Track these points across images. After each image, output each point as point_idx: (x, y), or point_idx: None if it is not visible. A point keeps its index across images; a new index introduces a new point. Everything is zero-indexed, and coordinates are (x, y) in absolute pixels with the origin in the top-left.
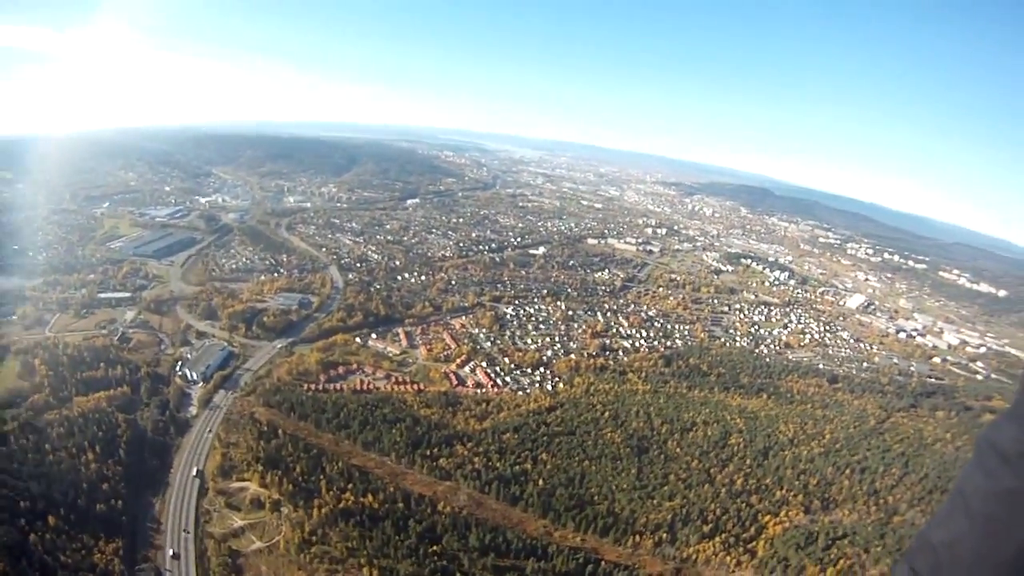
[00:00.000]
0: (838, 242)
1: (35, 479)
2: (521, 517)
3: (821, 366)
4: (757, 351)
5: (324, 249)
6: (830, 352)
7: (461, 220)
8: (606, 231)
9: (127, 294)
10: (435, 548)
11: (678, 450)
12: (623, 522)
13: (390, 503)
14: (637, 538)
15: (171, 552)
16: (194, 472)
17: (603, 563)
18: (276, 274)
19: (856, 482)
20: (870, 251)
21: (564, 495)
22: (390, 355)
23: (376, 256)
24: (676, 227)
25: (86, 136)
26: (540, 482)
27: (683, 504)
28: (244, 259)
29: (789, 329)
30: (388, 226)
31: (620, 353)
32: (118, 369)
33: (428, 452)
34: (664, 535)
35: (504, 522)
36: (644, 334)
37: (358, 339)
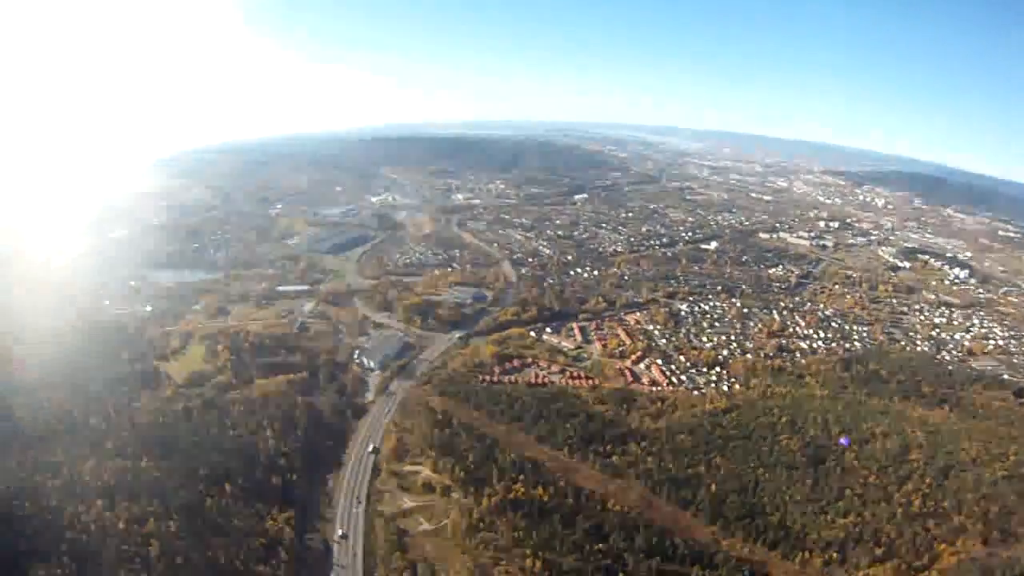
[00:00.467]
0: (1019, 236)
1: (214, 451)
2: (690, 522)
3: (1006, 376)
4: (938, 357)
5: (495, 244)
6: (1015, 361)
7: (630, 215)
8: (777, 224)
9: (305, 287)
10: (601, 546)
11: (855, 463)
12: (794, 536)
13: (559, 497)
14: (807, 555)
15: (340, 532)
16: (370, 449)
17: None
18: (450, 269)
19: None
20: None
21: (736, 502)
22: (564, 350)
23: (547, 251)
24: (848, 220)
25: (258, 144)
26: (712, 487)
27: (857, 522)
28: (417, 254)
29: (972, 334)
30: (558, 221)
31: (797, 354)
32: (297, 356)
33: (601, 449)
34: (835, 555)
35: (672, 525)
36: (821, 335)
37: (532, 333)
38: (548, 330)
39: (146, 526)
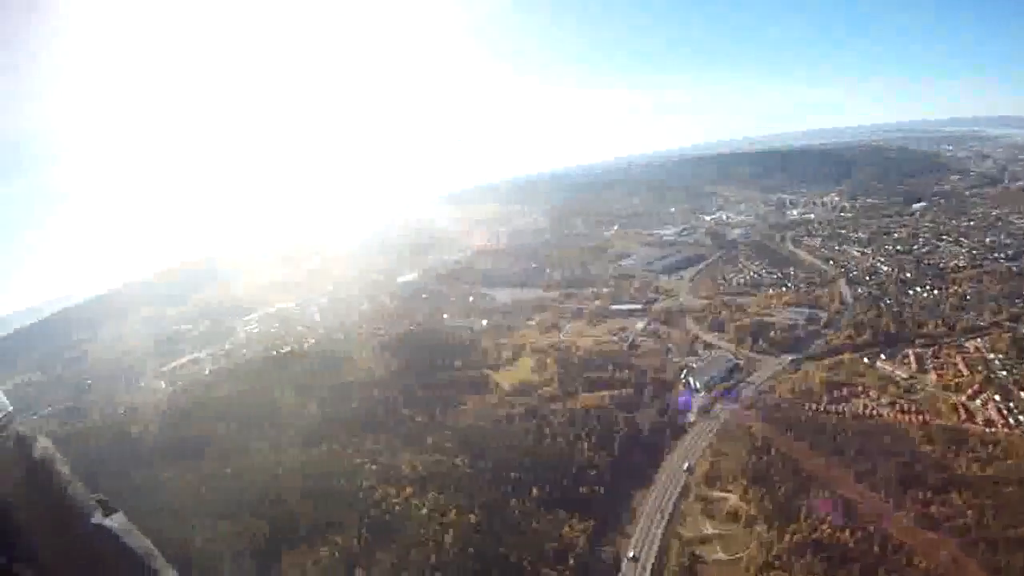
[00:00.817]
0: None
1: (529, 456)
2: None
3: None
4: None
5: (831, 262)
6: None
7: (972, 223)
8: None
9: (638, 306)
10: None
11: None
12: None
13: (866, 544)
14: None
15: (632, 553)
16: (684, 467)
17: None
18: (783, 288)
19: None
20: None
21: None
22: (897, 379)
23: (885, 268)
24: None
25: (582, 170)
26: None
27: None
28: (751, 273)
29: None
30: (896, 234)
31: None
32: (624, 372)
33: (920, 495)
34: None
35: None
36: None
37: (865, 359)
38: (882, 356)
39: (448, 516)
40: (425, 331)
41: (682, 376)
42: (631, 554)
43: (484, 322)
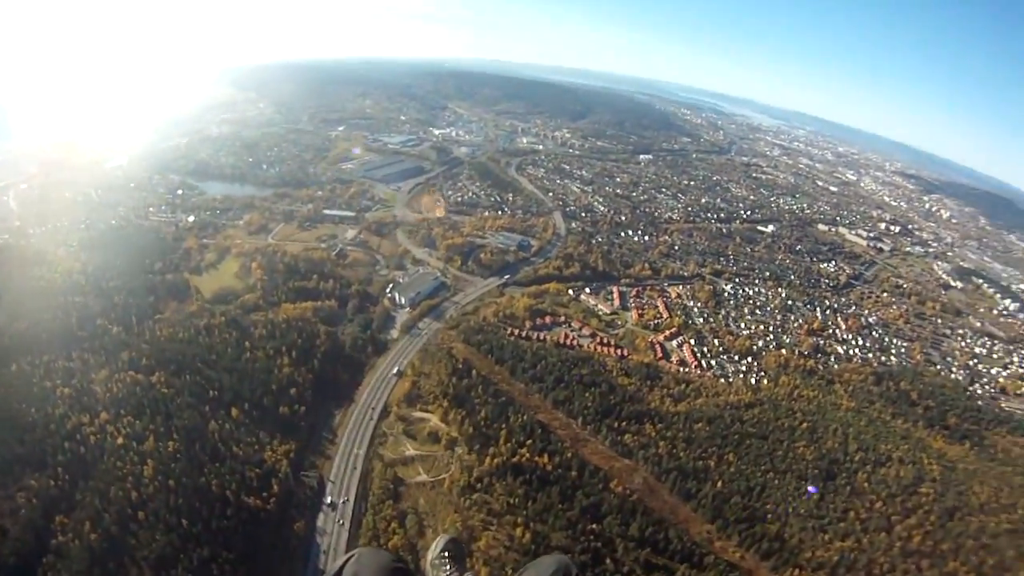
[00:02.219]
0: None
1: (228, 372)
2: (689, 516)
3: None
4: (970, 389)
5: (551, 194)
6: None
7: (692, 183)
8: (838, 218)
9: (351, 213)
10: (595, 527)
11: (866, 485)
12: (788, 550)
13: (564, 469)
14: (796, 572)
15: (333, 478)
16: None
17: None
18: (500, 212)
19: None
20: None
21: (738, 504)
22: (600, 313)
23: (602, 208)
24: (910, 226)
25: (331, 63)
26: (719, 484)
27: (854, 548)
28: (470, 193)
29: (1008, 371)
30: (618, 179)
31: (832, 359)
32: (330, 283)
33: (616, 424)
34: None
35: (671, 517)
36: (860, 342)
37: (571, 291)
38: (587, 290)
39: (145, 443)
40: (127, 227)
41: (388, 291)
42: (332, 479)
43: (191, 219)
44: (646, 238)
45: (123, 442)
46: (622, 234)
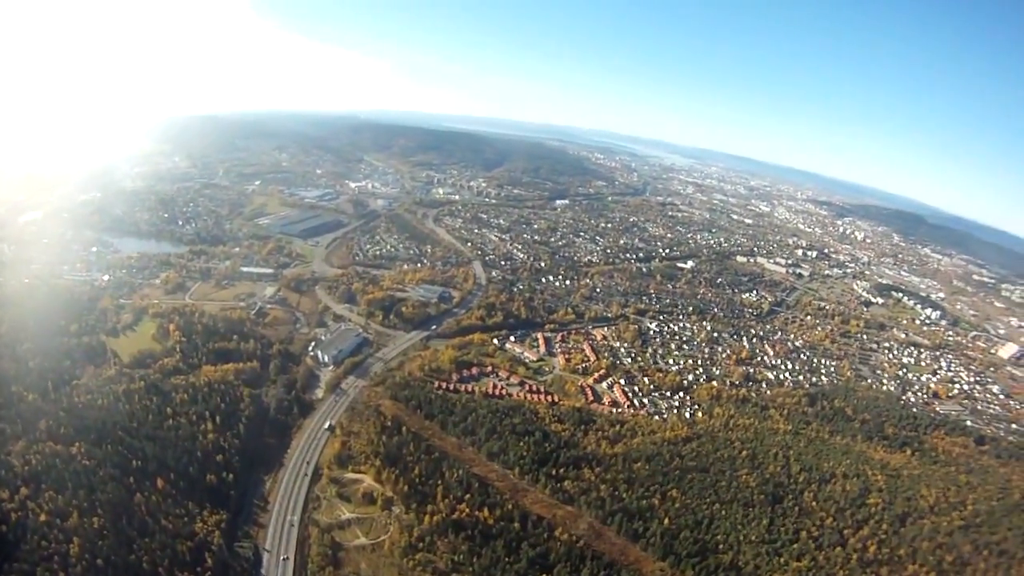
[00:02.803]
0: (992, 281)
1: (151, 441)
2: (639, 556)
3: (968, 423)
4: (904, 399)
5: (469, 244)
6: (978, 407)
7: (609, 225)
8: (755, 248)
9: (269, 270)
10: None
11: (814, 503)
12: None
13: (506, 521)
14: None
15: (268, 547)
16: (315, 451)
17: None
18: (419, 264)
19: (993, 566)
20: None
21: (688, 539)
22: (527, 361)
23: (521, 255)
24: (826, 250)
25: (244, 117)
26: (666, 520)
27: (811, 566)
28: (388, 246)
29: (938, 377)
30: (536, 225)
31: (763, 385)
32: (250, 343)
33: (554, 472)
34: None
35: (621, 559)
36: (789, 366)
37: (495, 340)
38: (512, 338)
39: (69, 519)
40: (41, 286)
41: (310, 349)
42: (268, 548)
43: (106, 277)
44: (567, 282)
45: (46, 519)
46: (543, 280)
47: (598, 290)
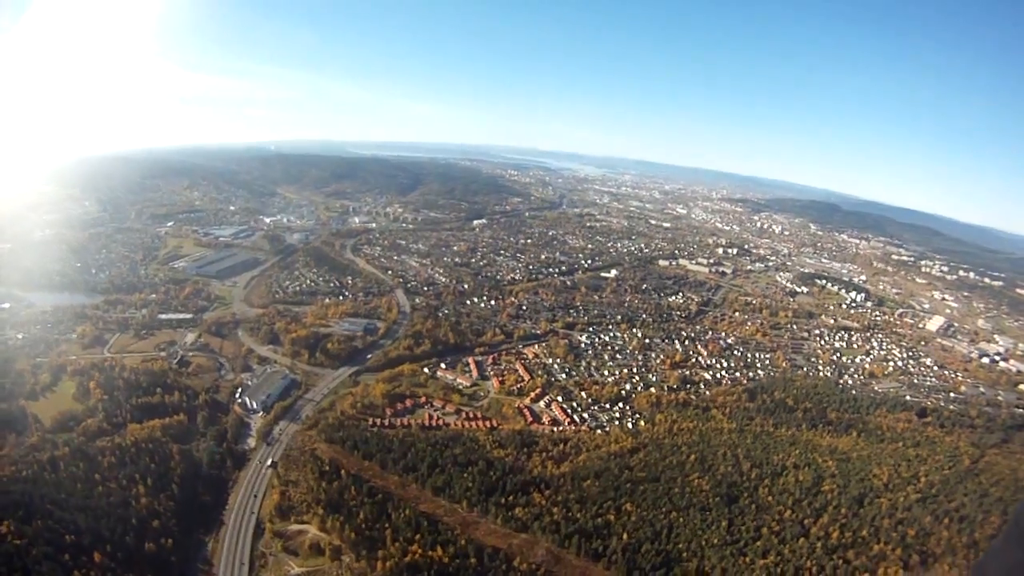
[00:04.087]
0: (911, 259)
1: (83, 511)
2: (602, 575)
3: (908, 398)
4: (841, 382)
5: (390, 272)
6: (915, 382)
7: (529, 241)
8: (676, 251)
9: (188, 315)
10: None
11: (770, 498)
12: None
13: (462, 557)
14: None
15: None
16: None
17: None
18: (341, 297)
19: (955, 532)
20: (944, 268)
21: (650, 551)
22: (460, 387)
23: (444, 279)
24: (747, 246)
25: (153, 155)
26: (624, 536)
27: (777, 561)
28: (308, 281)
29: (872, 357)
30: (455, 247)
31: (702, 386)
32: (175, 395)
33: (503, 500)
34: None
35: None
36: (725, 364)
37: (426, 369)
38: (443, 365)
39: None
40: None
41: (237, 396)
42: None
43: (20, 336)
44: (492, 303)
45: None
46: (468, 302)
47: (524, 308)
